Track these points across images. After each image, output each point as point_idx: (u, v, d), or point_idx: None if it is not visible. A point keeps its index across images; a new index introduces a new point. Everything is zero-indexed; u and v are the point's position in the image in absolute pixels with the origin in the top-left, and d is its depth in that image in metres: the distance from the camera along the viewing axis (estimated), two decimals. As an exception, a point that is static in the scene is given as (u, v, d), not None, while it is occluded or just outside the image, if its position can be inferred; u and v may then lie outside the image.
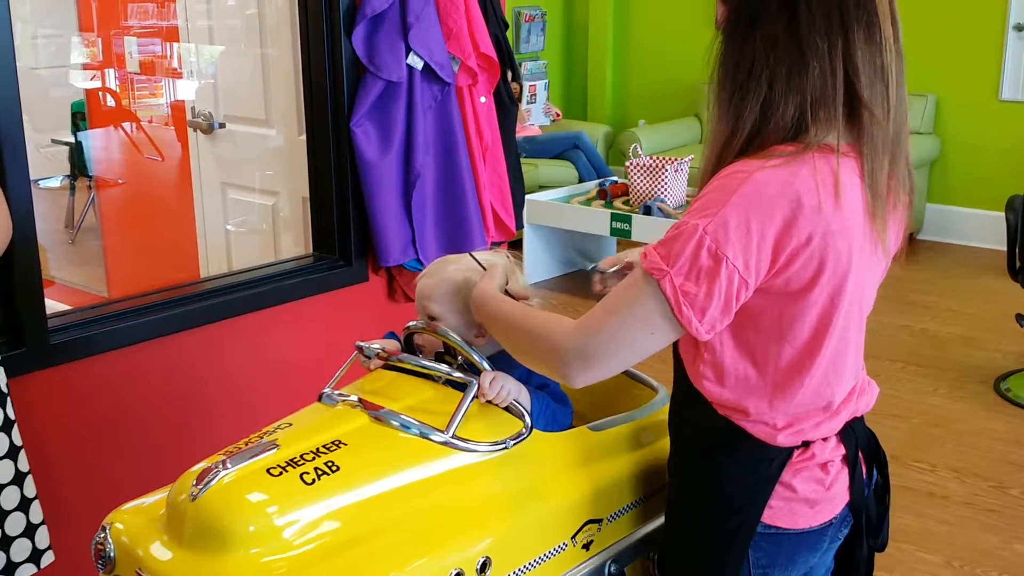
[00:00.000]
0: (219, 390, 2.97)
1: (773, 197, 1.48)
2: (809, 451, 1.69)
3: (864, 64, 1.52)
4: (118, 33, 6.37)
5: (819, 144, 1.52)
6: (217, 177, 3.96)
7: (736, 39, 1.57)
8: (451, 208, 3.30)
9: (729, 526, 1.69)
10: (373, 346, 1.96)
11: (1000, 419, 4.45)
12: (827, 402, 1.66)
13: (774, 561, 1.72)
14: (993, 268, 6.39)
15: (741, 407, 1.65)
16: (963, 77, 7.01)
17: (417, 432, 1.76)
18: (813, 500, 1.70)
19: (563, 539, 1.86)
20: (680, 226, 1.53)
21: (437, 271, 2.00)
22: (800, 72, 1.51)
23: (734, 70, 1.56)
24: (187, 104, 4.19)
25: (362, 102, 3.10)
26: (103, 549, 1.72)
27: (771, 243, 1.49)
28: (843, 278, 1.56)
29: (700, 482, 1.73)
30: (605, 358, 1.59)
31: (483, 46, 3.24)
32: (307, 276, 3.21)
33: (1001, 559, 3.40)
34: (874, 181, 1.56)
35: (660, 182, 5.95)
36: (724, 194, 1.50)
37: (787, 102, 1.52)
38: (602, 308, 1.61)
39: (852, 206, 1.54)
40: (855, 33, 1.51)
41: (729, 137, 1.56)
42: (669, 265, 1.51)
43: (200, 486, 1.61)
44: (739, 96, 1.55)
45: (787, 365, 1.61)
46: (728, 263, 1.49)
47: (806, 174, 1.50)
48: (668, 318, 1.54)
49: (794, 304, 1.57)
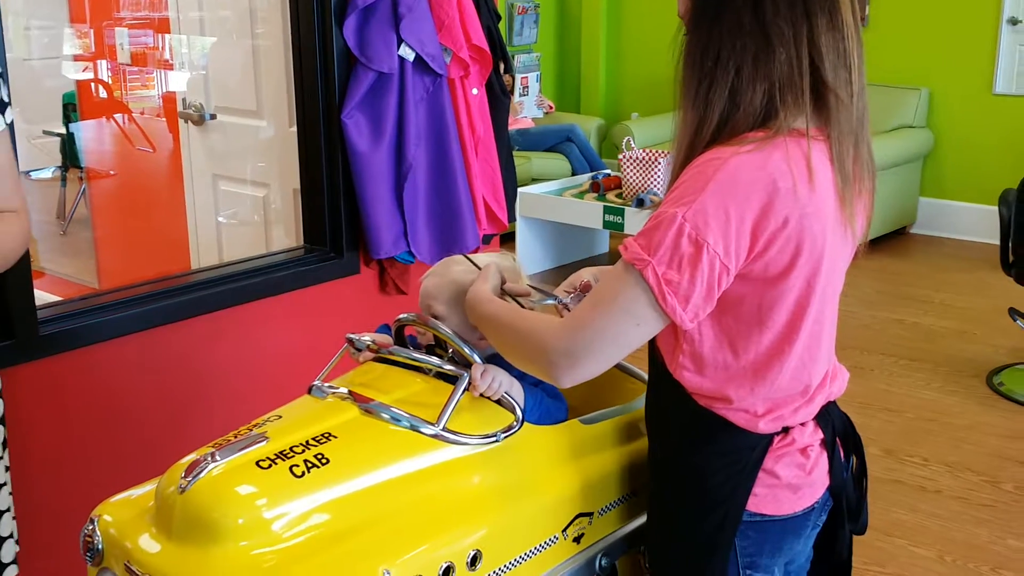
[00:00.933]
0: (209, 382, 2.96)
1: (749, 182, 1.50)
2: (789, 436, 1.71)
3: (828, 50, 1.55)
4: (110, 24, 6.35)
5: (789, 129, 1.55)
6: (208, 169, 3.94)
7: (702, 28, 1.59)
8: (443, 200, 3.28)
9: (715, 516, 1.70)
10: (364, 338, 1.95)
11: (993, 413, 4.45)
12: (804, 386, 1.68)
13: (761, 549, 1.74)
14: (986, 262, 6.40)
15: (722, 395, 1.66)
16: (956, 71, 7.02)
17: (407, 425, 1.75)
18: (795, 485, 1.72)
19: (554, 532, 1.85)
20: (659, 215, 1.54)
21: (443, 271, 1.99)
22: (767, 58, 1.54)
23: (700, 59, 1.58)
24: (178, 95, 4.17)
25: (353, 93, 3.09)
26: (91, 541, 1.71)
27: (749, 227, 1.51)
28: (819, 260, 1.58)
29: (684, 475, 1.74)
30: (591, 354, 1.59)
31: (475, 37, 3.23)
32: (298, 268, 3.20)
33: (994, 553, 3.40)
34: (843, 164, 1.59)
35: (653, 175, 5.95)
36: (701, 181, 1.51)
37: (755, 88, 1.54)
38: (586, 303, 1.62)
39: (824, 189, 1.57)
40: (818, 19, 1.54)
41: (698, 126, 1.58)
42: (650, 254, 1.52)
43: (189, 478, 1.60)
44: (707, 84, 1.57)
45: (766, 350, 1.63)
46: (709, 249, 1.50)
47: (779, 158, 1.52)
48: (652, 307, 1.54)
49: (773, 289, 1.58)
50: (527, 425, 1.85)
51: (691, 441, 1.71)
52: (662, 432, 1.80)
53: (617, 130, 7.68)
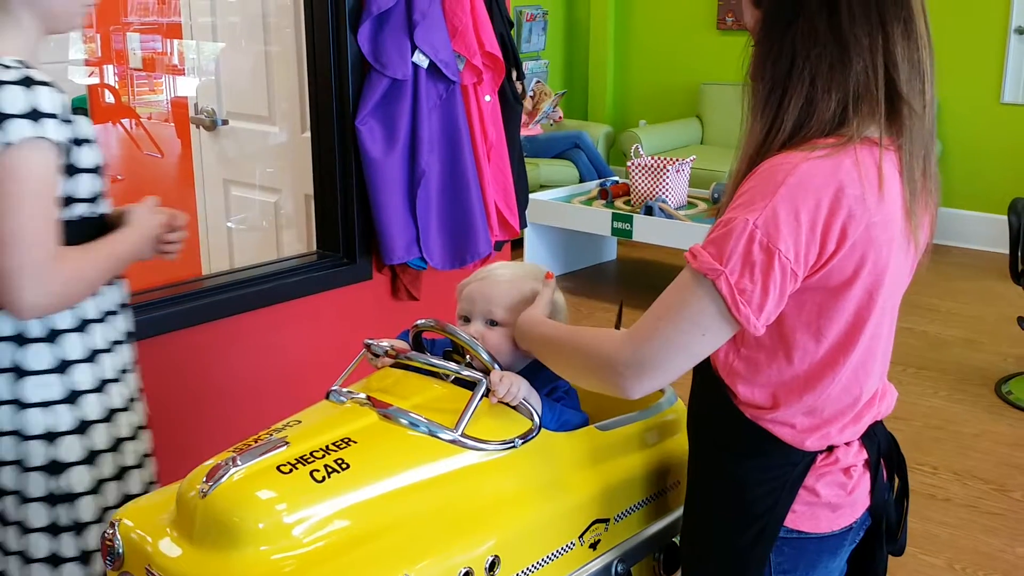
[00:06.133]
0: (222, 387, 2.96)
1: (819, 188, 1.48)
2: (833, 455, 1.69)
3: (902, 60, 1.52)
4: (117, 29, 6.37)
5: (861, 137, 1.52)
6: (219, 174, 3.95)
7: (774, 37, 1.56)
8: (455, 206, 3.29)
9: (752, 530, 1.68)
10: (382, 344, 1.96)
11: (1001, 422, 4.45)
12: (854, 398, 1.66)
13: (796, 565, 1.72)
14: (995, 271, 6.40)
15: (771, 404, 1.64)
16: (965, 80, 7.02)
17: (426, 430, 1.75)
18: (835, 504, 1.70)
19: (571, 538, 1.86)
20: (728, 222, 1.51)
21: (509, 275, 2.00)
22: (842, 67, 1.51)
23: (773, 68, 1.55)
24: (190, 101, 4.18)
25: (367, 100, 3.10)
26: (112, 545, 1.71)
27: (819, 233, 1.49)
28: (882, 272, 1.55)
29: (723, 487, 1.72)
30: (658, 365, 1.57)
31: (488, 44, 3.24)
32: (311, 274, 3.20)
33: (1004, 562, 3.39)
34: (912, 176, 1.56)
35: (661, 182, 5.95)
36: (771, 187, 1.49)
37: (830, 97, 1.52)
38: (651, 315, 1.59)
39: (892, 199, 1.54)
40: (893, 28, 1.51)
41: (767, 134, 1.55)
42: (723, 263, 1.50)
43: (210, 483, 1.60)
44: (779, 93, 1.54)
45: (820, 360, 1.61)
46: (781, 256, 1.48)
47: (849, 165, 1.50)
48: (722, 317, 1.52)
49: (833, 298, 1.56)
50: (544, 431, 1.85)
51: (734, 453, 1.70)
52: (705, 441, 1.78)
53: (625, 137, 7.69)
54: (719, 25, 8.17)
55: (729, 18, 8.08)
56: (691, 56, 8.32)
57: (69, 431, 1.94)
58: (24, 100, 1.75)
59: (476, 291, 1.99)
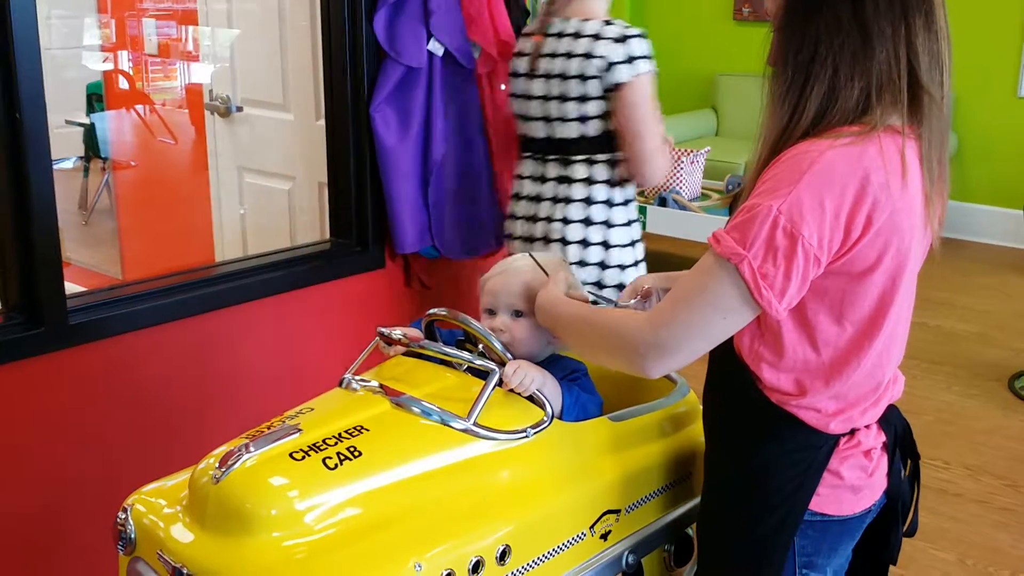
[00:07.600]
0: (235, 374, 2.97)
1: (844, 175, 1.50)
2: (855, 438, 1.71)
3: (923, 50, 1.55)
4: (133, 15, 6.37)
5: (884, 125, 1.54)
6: (234, 161, 3.95)
7: (797, 25, 1.58)
8: (468, 195, 3.29)
9: (777, 515, 1.70)
10: (395, 332, 1.96)
11: (1014, 418, 4.43)
12: (877, 382, 1.69)
13: (819, 548, 1.74)
14: (1009, 266, 6.38)
15: (797, 390, 1.66)
16: (981, 74, 6.98)
17: (438, 419, 1.76)
18: (857, 487, 1.73)
19: (582, 528, 1.86)
20: (752, 208, 1.53)
21: (530, 267, 2.00)
22: (865, 56, 1.53)
23: (795, 56, 1.57)
24: (205, 87, 4.18)
25: (382, 87, 3.09)
26: (124, 530, 1.72)
27: (844, 220, 1.51)
28: (905, 258, 1.58)
29: (746, 474, 1.73)
30: (679, 346, 1.59)
31: (504, 33, 3.23)
32: (324, 262, 3.21)
33: (1015, 558, 3.38)
34: (930, 164, 1.59)
35: (676, 174, 5.94)
36: (795, 174, 1.51)
37: (853, 85, 1.54)
38: (673, 297, 1.62)
39: (914, 186, 1.57)
40: (915, 19, 1.54)
41: (789, 121, 1.57)
42: (746, 248, 1.52)
43: (223, 469, 1.60)
44: (801, 80, 1.56)
45: (845, 345, 1.63)
46: (804, 242, 1.50)
47: (874, 152, 1.52)
48: (743, 301, 1.55)
49: (857, 284, 1.58)
50: (557, 421, 1.85)
51: (757, 440, 1.71)
52: (725, 430, 1.79)
53: (638, 128, 7.66)
54: (736, 15, 8.14)
55: (746, 8, 8.04)
56: (707, 46, 8.28)
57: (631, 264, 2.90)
58: (640, 47, 2.73)
59: (499, 284, 2.00)
